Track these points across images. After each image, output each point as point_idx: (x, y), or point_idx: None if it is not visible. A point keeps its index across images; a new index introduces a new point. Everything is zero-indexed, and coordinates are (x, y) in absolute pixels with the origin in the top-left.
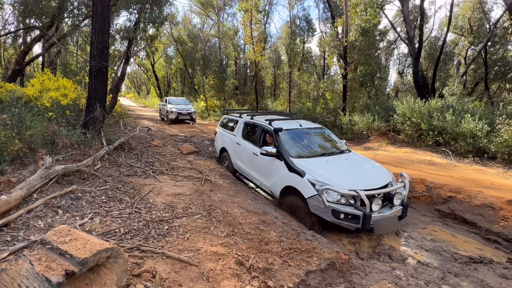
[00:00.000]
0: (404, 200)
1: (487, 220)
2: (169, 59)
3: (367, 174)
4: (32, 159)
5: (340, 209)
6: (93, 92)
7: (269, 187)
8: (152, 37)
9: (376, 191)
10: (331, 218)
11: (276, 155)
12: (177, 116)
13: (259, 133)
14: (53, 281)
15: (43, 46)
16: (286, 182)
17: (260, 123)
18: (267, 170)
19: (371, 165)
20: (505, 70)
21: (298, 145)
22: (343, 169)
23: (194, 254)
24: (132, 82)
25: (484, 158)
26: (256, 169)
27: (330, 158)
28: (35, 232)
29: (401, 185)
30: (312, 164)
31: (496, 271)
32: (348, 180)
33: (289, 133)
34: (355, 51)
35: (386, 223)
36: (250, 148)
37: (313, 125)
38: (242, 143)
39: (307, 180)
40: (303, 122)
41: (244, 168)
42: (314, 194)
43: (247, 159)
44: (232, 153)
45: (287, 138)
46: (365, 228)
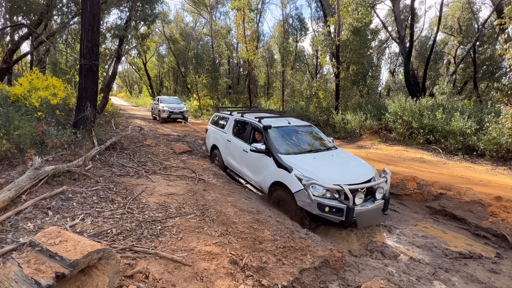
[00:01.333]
0: (386, 194)
1: (476, 216)
2: (162, 57)
3: (351, 170)
4: (20, 159)
5: (325, 203)
6: (83, 91)
7: (258, 183)
8: (143, 35)
9: (359, 186)
10: (316, 211)
11: (265, 151)
12: (169, 115)
13: (249, 130)
14: (43, 283)
15: (31, 44)
16: (275, 177)
17: (250, 121)
18: (256, 166)
19: (355, 161)
20: (493, 70)
21: (287, 142)
22: (328, 165)
23: (188, 254)
24: (123, 81)
25: (473, 155)
26: (246, 165)
27: (316, 154)
28: (24, 234)
29: (383, 180)
30: (299, 160)
31: (485, 266)
32: (333, 175)
33: (278, 130)
34: (348, 50)
35: (368, 216)
36: (240, 145)
37: (302, 123)
38: (233, 140)
39: (295, 175)
40: (291, 120)
41: (234, 164)
42: (301, 189)
43: (237, 156)
44: (223, 150)
45: (276, 135)
46: (348, 220)
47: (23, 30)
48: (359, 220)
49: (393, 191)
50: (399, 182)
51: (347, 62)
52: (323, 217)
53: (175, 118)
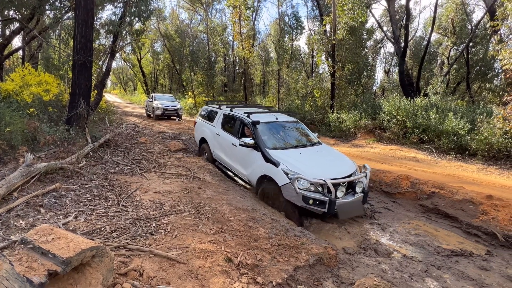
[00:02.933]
0: (365, 188)
1: (467, 214)
2: (156, 54)
3: (334, 165)
4: (12, 156)
5: (309, 196)
6: (76, 87)
7: (246, 176)
8: (138, 31)
9: (341, 180)
10: (301, 203)
11: (253, 146)
12: (163, 112)
13: (238, 125)
14: (35, 281)
15: (23, 39)
16: (263, 171)
17: (239, 115)
18: (245, 160)
19: (338, 156)
20: (485, 70)
21: (274, 137)
22: (313, 160)
23: (183, 252)
24: (118, 78)
25: (465, 155)
26: (234, 159)
27: (302, 150)
28: (16, 231)
29: (363, 175)
30: (286, 155)
31: (476, 263)
32: (317, 170)
33: (266, 125)
34: (343, 49)
35: (349, 208)
36: (229, 139)
37: (289, 119)
38: (222, 134)
39: (282, 170)
40: (279, 115)
41: (223, 157)
42: (287, 182)
43: (226, 149)
44: (212, 144)
45: (264, 131)
46: (330, 212)
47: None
48: (340, 212)
49: (387, 190)
50: (393, 181)
51: (342, 61)
52: (307, 208)
53: (169, 116)
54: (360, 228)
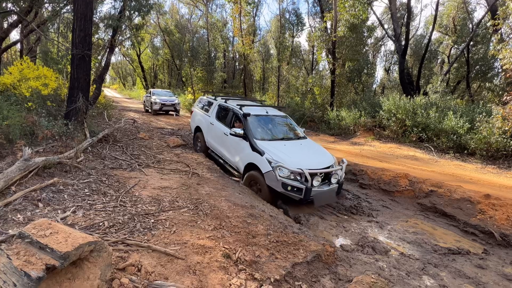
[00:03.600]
0: (340, 179)
1: (465, 213)
2: (156, 49)
3: (314, 157)
4: (10, 150)
5: (288, 183)
6: (75, 81)
7: (235, 163)
8: (138, 26)
9: (317, 171)
10: (280, 189)
11: (243, 136)
12: (161, 107)
13: (231, 116)
14: (33, 275)
15: (21, 32)
16: (249, 159)
17: (232, 107)
18: (234, 149)
19: (319, 150)
20: (485, 70)
21: (263, 129)
22: (295, 152)
23: (181, 247)
24: (117, 73)
25: (464, 154)
26: (225, 147)
27: (287, 142)
28: (14, 225)
29: (339, 167)
30: (271, 146)
31: (473, 261)
32: (297, 161)
33: (256, 118)
34: (344, 46)
35: (323, 197)
36: (221, 129)
37: (279, 113)
38: (215, 124)
39: (266, 158)
40: (270, 109)
41: (215, 145)
42: (270, 170)
43: (218, 138)
44: (206, 132)
45: (254, 123)
46: (306, 198)
47: (13, 17)
48: (316, 199)
49: (385, 188)
50: (391, 179)
51: (343, 59)
52: (286, 194)
53: (167, 110)
54: (358, 225)
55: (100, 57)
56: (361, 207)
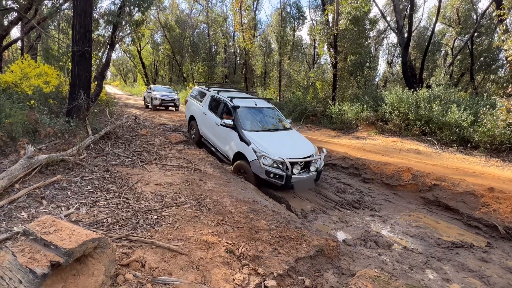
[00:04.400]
0: (319, 168)
1: (469, 206)
2: (157, 45)
3: (295, 147)
4: (13, 148)
5: (271, 170)
6: (76, 78)
7: (225, 152)
8: (138, 22)
9: (297, 160)
10: (264, 176)
11: (232, 127)
12: (161, 102)
13: (222, 107)
14: (38, 272)
15: (21, 30)
16: (237, 148)
17: (223, 99)
18: (224, 138)
19: (302, 141)
20: (489, 61)
21: (251, 120)
22: (279, 142)
23: (184, 243)
24: (118, 69)
25: (467, 147)
26: (217, 136)
27: (273, 133)
28: (18, 223)
29: (318, 157)
30: (258, 136)
31: (476, 255)
32: (280, 151)
33: (245, 110)
34: (346, 39)
35: (303, 184)
36: (213, 119)
37: (267, 105)
38: (208, 114)
39: (252, 148)
40: (259, 101)
41: (208, 134)
42: (255, 159)
43: (210, 128)
44: (199, 121)
45: (243, 114)
46: (287, 185)
47: (13, 15)
48: (296, 186)
49: (388, 182)
50: (394, 173)
51: (345, 52)
52: (269, 181)
53: (167, 106)
54: (361, 220)
55: (101, 54)
56: (363, 201)
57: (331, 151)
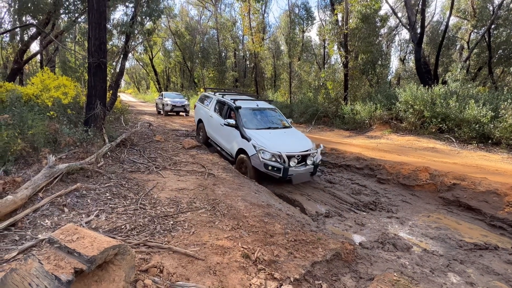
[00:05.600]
0: (315, 162)
1: (492, 206)
2: (168, 52)
3: (293, 143)
4: (35, 158)
5: (269, 163)
6: (92, 89)
7: (229, 149)
8: (149, 31)
9: (294, 153)
10: (263, 169)
11: (235, 126)
12: (172, 108)
13: (226, 108)
14: (63, 279)
15: (40, 43)
16: (239, 145)
17: (227, 101)
18: (228, 137)
19: (300, 137)
20: (509, 54)
21: (252, 120)
22: (278, 139)
23: (200, 248)
24: (131, 78)
25: (488, 144)
26: (221, 136)
27: (272, 131)
28: (43, 230)
29: (314, 151)
30: (258, 134)
31: (502, 257)
32: (278, 146)
33: (247, 110)
34: (356, 38)
35: (300, 176)
36: (218, 120)
37: (268, 106)
38: (214, 116)
39: (252, 144)
40: (260, 102)
41: (213, 135)
42: (255, 153)
43: (216, 129)
44: (206, 124)
45: (245, 114)
46: (284, 177)
47: (32, 30)
48: (294, 178)
49: (405, 182)
50: (411, 173)
51: (355, 51)
52: (267, 173)
53: (178, 111)
54: (378, 222)
55: (115, 63)
56: (380, 202)
57: (345, 152)
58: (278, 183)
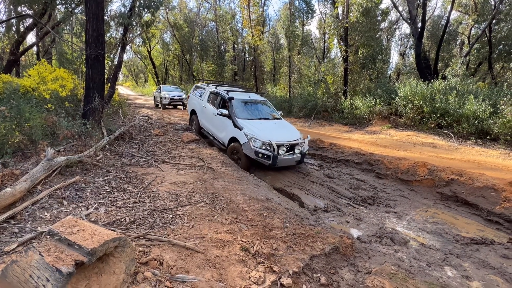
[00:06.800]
0: (303, 151)
1: (489, 201)
2: (166, 45)
3: (283, 133)
4: (33, 151)
5: (259, 151)
6: (90, 81)
7: (221, 138)
8: (148, 23)
9: (282, 142)
10: (253, 156)
11: (227, 115)
12: (169, 101)
13: (219, 99)
14: (64, 271)
15: (36, 35)
16: (232, 134)
17: (220, 92)
18: (221, 126)
19: (288, 128)
20: (509, 49)
21: (244, 110)
22: (268, 128)
23: (200, 242)
24: (129, 70)
25: (486, 139)
26: (214, 126)
27: (263, 121)
28: (42, 223)
29: (302, 141)
30: (249, 123)
31: (498, 251)
32: (268, 135)
33: (239, 101)
34: (356, 32)
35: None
36: (212, 110)
37: (259, 98)
38: (207, 106)
39: (243, 133)
40: (252, 94)
41: (206, 125)
42: (246, 141)
43: (209, 119)
44: (199, 114)
45: (237, 105)
46: (274, 164)
47: (28, 21)
48: (279, 161)
49: (403, 177)
50: (409, 168)
51: (356, 45)
52: (258, 160)
53: (175, 105)
54: (376, 216)
55: (113, 56)
56: (378, 197)
57: (344, 147)
58: (277, 177)
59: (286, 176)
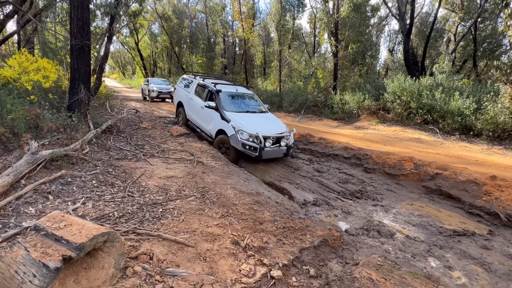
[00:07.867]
0: (288, 144)
1: (471, 195)
2: (154, 36)
3: (269, 126)
4: (16, 144)
5: (246, 143)
6: (76, 72)
7: (209, 131)
8: (135, 13)
9: (269, 135)
10: (240, 148)
11: (215, 108)
12: (158, 94)
13: (206, 92)
14: (51, 266)
15: (17, 23)
16: (219, 126)
17: (208, 85)
18: (208, 119)
19: (275, 121)
20: (493, 47)
21: (231, 103)
22: (255, 121)
23: (190, 236)
24: (116, 62)
25: (469, 135)
26: (201, 118)
27: (250, 114)
28: (27, 218)
29: (288, 134)
30: (237, 116)
31: (478, 242)
32: (255, 128)
33: (227, 94)
34: (347, 27)
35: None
36: (199, 103)
37: (247, 91)
38: (194, 99)
39: (231, 125)
40: (240, 88)
41: (193, 117)
42: (233, 134)
43: (196, 111)
44: (186, 107)
45: (224, 98)
46: (260, 156)
47: (8, 8)
48: (264, 153)
49: (390, 172)
50: (396, 163)
51: (346, 41)
52: (245, 152)
53: (164, 98)
54: (363, 210)
55: (99, 47)
56: (366, 191)
57: (333, 142)
58: (267, 171)
59: (276, 170)
